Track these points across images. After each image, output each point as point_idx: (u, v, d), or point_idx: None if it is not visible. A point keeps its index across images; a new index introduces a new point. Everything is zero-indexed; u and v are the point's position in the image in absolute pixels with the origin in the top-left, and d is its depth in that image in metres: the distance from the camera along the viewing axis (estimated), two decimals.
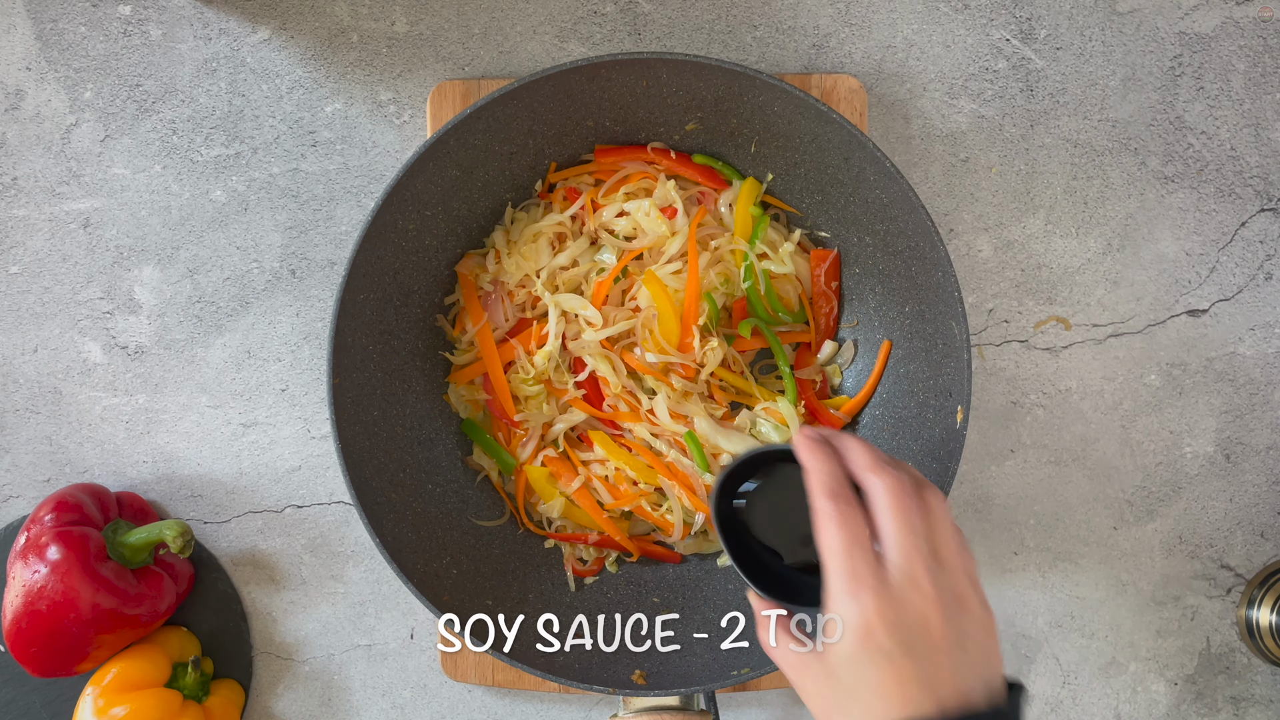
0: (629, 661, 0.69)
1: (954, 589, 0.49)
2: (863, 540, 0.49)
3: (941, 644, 0.48)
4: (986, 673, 0.49)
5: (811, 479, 0.52)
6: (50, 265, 0.77)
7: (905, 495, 0.50)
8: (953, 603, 0.49)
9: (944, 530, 0.50)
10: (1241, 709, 0.78)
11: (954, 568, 0.50)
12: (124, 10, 0.75)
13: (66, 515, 0.70)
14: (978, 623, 0.49)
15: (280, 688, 0.78)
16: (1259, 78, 0.75)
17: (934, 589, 0.48)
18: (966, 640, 0.49)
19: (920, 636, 0.48)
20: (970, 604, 0.50)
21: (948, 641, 0.48)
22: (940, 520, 0.51)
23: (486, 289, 0.73)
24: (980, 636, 0.49)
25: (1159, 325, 0.77)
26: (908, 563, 0.49)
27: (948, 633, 0.48)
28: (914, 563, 0.49)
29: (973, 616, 0.49)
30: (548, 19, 0.75)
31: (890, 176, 0.64)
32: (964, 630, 0.49)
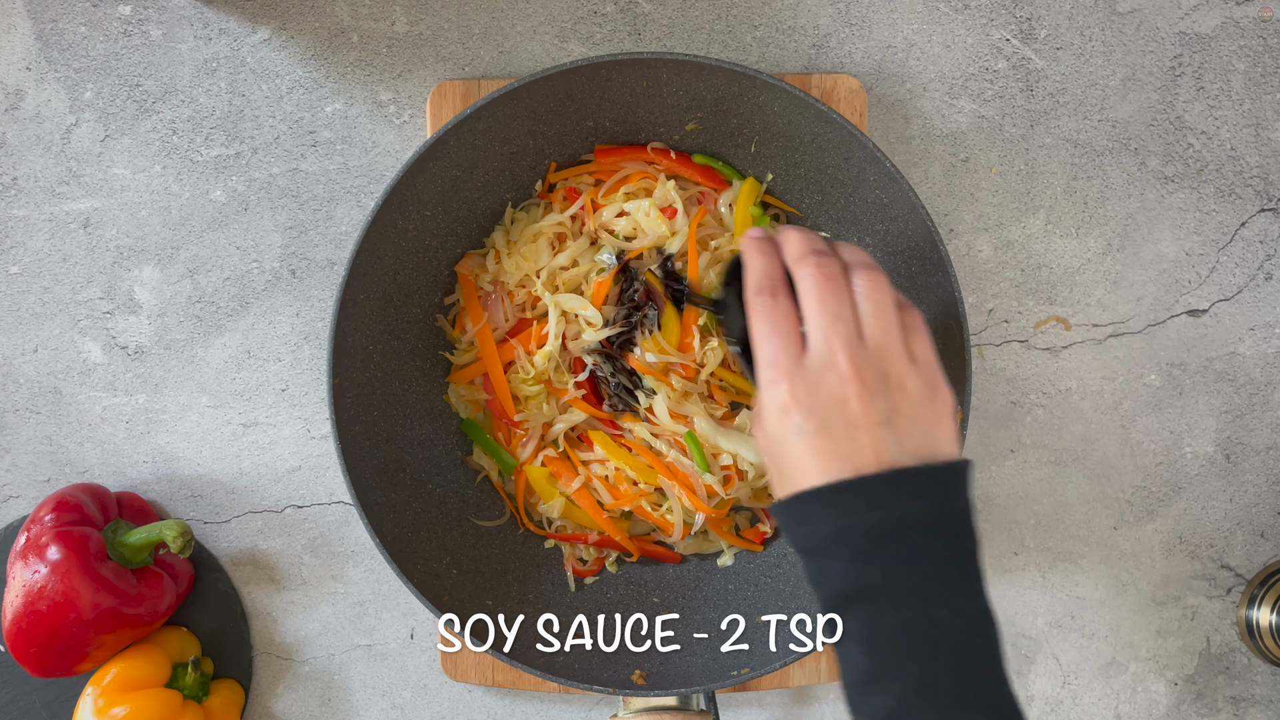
0: (629, 661, 0.69)
1: (880, 368, 0.49)
2: (784, 329, 0.51)
3: (860, 420, 0.49)
4: (920, 445, 0.49)
5: (747, 276, 0.54)
6: (50, 265, 0.77)
7: (826, 280, 0.51)
8: (876, 381, 0.49)
9: (874, 312, 0.51)
10: (1241, 709, 0.78)
11: (882, 346, 0.50)
12: (124, 10, 0.75)
13: (66, 515, 0.70)
14: (913, 399, 0.50)
15: (280, 688, 0.78)
16: (1259, 78, 0.75)
17: (851, 368, 0.49)
18: (895, 416, 0.49)
19: (836, 415, 0.49)
20: (904, 382, 0.50)
21: (869, 419, 0.49)
22: (871, 302, 0.51)
23: (486, 289, 0.73)
24: (915, 413, 0.49)
25: (1159, 325, 0.77)
26: (825, 345, 0.50)
27: (869, 409, 0.49)
28: (831, 345, 0.50)
29: (906, 394, 0.49)
30: (548, 19, 0.75)
31: (890, 176, 0.64)
32: (892, 407, 0.49)
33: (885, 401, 0.49)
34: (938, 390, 0.51)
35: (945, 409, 0.51)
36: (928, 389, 0.50)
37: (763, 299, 0.53)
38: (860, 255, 0.54)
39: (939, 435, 0.50)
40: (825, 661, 0.74)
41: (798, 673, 0.74)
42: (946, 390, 0.51)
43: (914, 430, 0.49)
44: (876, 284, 0.52)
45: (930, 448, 0.49)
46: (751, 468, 0.72)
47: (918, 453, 0.49)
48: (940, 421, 0.50)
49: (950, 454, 0.50)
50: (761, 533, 0.74)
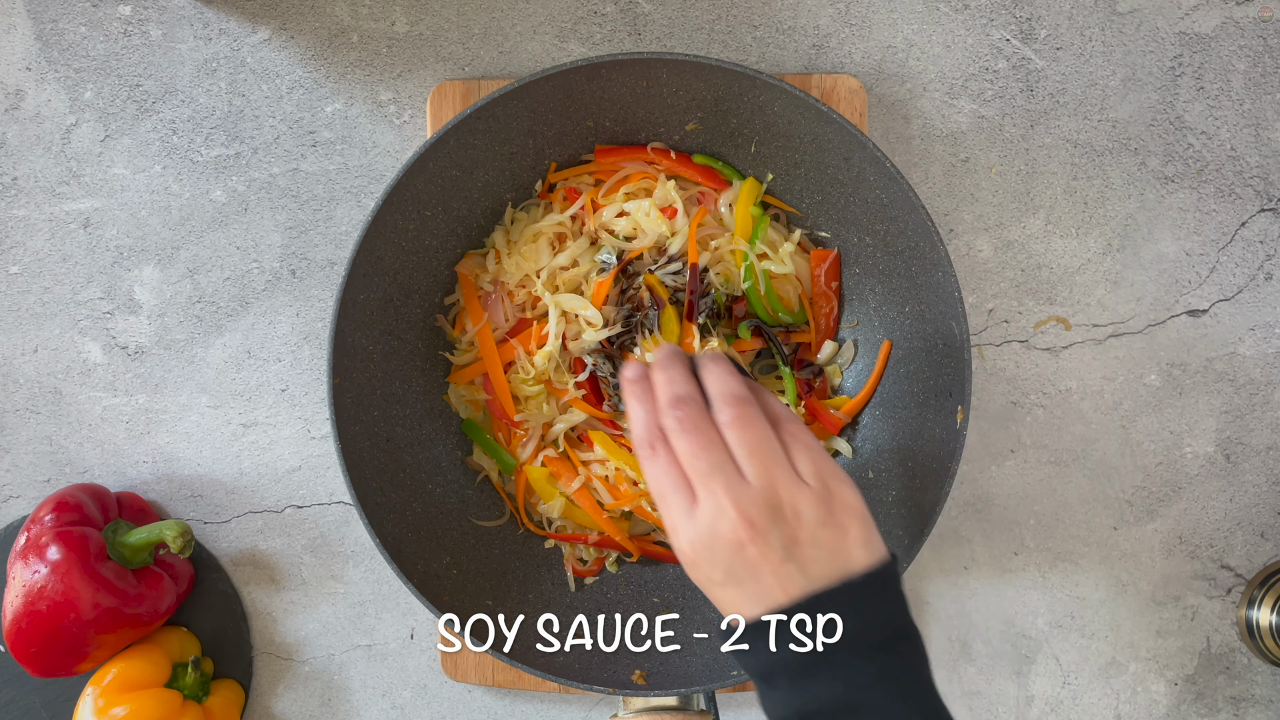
0: (629, 661, 0.69)
1: (768, 503, 0.49)
2: (670, 483, 0.50)
3: (761, 563, 0.48)
4: (829, 567, 0.49)
5: (630, 425, 0.54)
6: (50, 265, 0.77)
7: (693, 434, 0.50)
8: (767, 519, 0.48)
9: (749, 449, 0.50)
10: (1241, 709, 0.78)
11: (766, 482, 0.49)
12: (124, 10, 0.75)
13: (66, 515, 0.70)
14: (810, 523, 0.49)
15: (280, 688, 0.78)
16: (1259, 78, 0.75)
17: (738, 514, 0.48)
18: (794, 547, 0.48)
19: (737, 563, 0.49)
20: (797, 508, 0.49)
21: (768, 559, 0.48)
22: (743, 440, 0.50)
23: (486, 289, 0.73)
24: (815, 536, 0.49)
25: (1159, 325, 0.77)
26: (709, 497, 0.49)
27: (765, 551, 0.48)
28: (715, 495, 0.49)
29: (802, 520, 0.49)
30: (548, 19, 0.75)
31: (890, 176, 0.64)
32: (790, 538, 0.48)
33: (780, 536, 0.48)
34: (835, 500, 0.50)
35: (849, 514, 0.50)
36: (823, 506, 0.49)
37: (644, 452, 0.52)
38: (724, 384, 0.52)
39: (848, 548, 0.49)
40: None
41: None
42: (847, 492, 0.50)
43: (818, 555, 0.49)
44: (743, 419, 0.50)
45: (842, 565, 0.49)
46: None
47: (827, 576, 0.48)
48: (845, 532, 0.49)
49: (865, 562, 0.49)
50: None
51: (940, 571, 0.77)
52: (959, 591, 0.77)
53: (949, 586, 0.77)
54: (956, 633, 0.77)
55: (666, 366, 0.53)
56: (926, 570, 0.77)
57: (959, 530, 0.77)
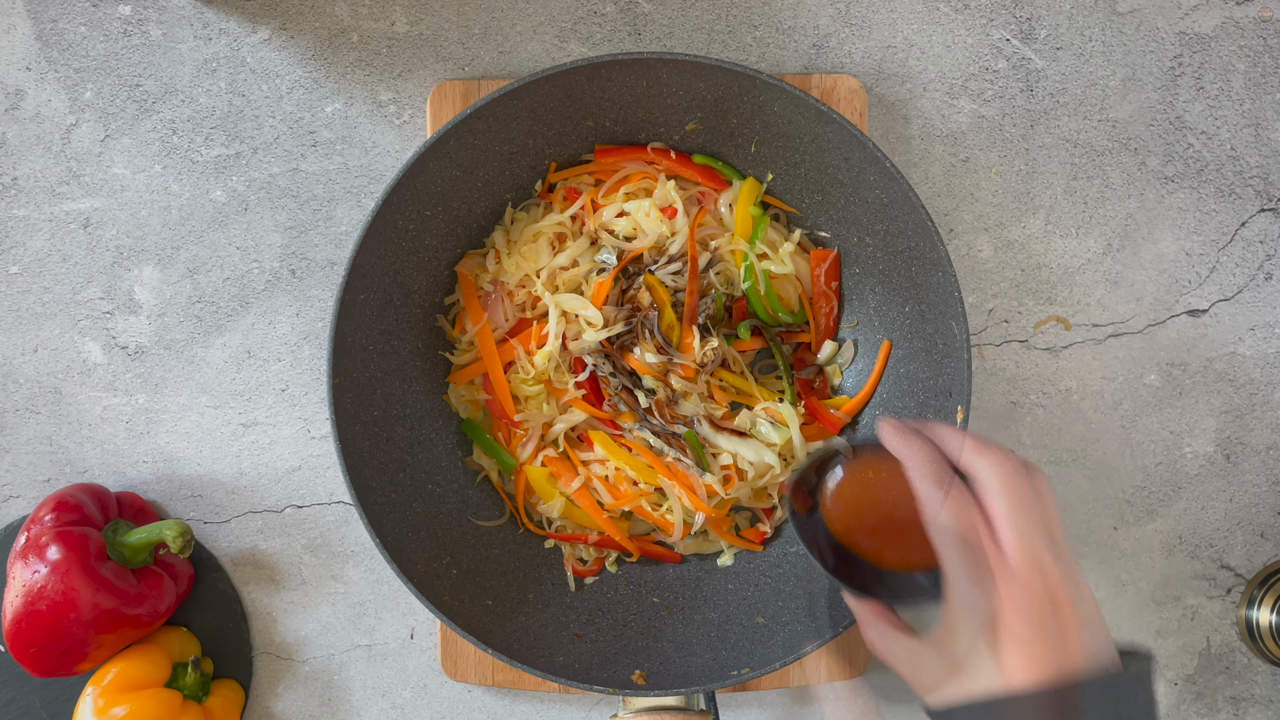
0: (629, 661, 0.69)
1: (1071, 570, 0.49)
2: (978, 525, 0.49)
3: (1071, 624, 0.48)
4: (1107, 644, 0.49)
5: (912, 468, 0.51)
6: (50, 265, 0.77)
7: (1016, 476, 0.49)
8: (1072, 583, 0.49)
9: (1054, 511, 0.50)
10: (1241, 709, 0.78)
11: (1066, 550, 0.50)
12: (124, 10, 0.75)
13: (66, 515, 0.70)
14: (1091, 601, 0.50)
15: (280, 688, 0.78)
16: (1259, 78, 0.75)
17: (1058, 571, 0.48)
18: (1090, 622, 0.49)
19: (1051, 620, 0.48)
20: (1083, 583, 0.50)
21: (1075, 621, 0.48)
22: (1050, 501, 0.50)
23: (486, 289, 0.73)
24: (1096, 613, 0.50)
25: (1159, 325, 0.77)
26: (1029, 546, 0.48)
27: (1075, 613, 0.48)
28: (1035, 546, 0.48)
29: (1086, 596, 0.49)
30: (548, 19, 0.75)
31: (890, 176, 0.64)
32: (1087, 613, 0.49)
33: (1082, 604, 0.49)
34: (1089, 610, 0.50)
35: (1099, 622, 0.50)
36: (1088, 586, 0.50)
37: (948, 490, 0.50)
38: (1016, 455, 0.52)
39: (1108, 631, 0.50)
40: (825, 661, 0.74)
41: (797, 673, 0.74)
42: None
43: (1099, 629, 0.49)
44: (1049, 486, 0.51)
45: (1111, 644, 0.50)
46: (751, 467, 0.72)
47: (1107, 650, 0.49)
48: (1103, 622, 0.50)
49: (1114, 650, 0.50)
50: (761, 533, 0.74)
51: None
52: None
53: None
54: None
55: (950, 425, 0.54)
56: None
57: None
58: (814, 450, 0.56)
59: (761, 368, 0.75)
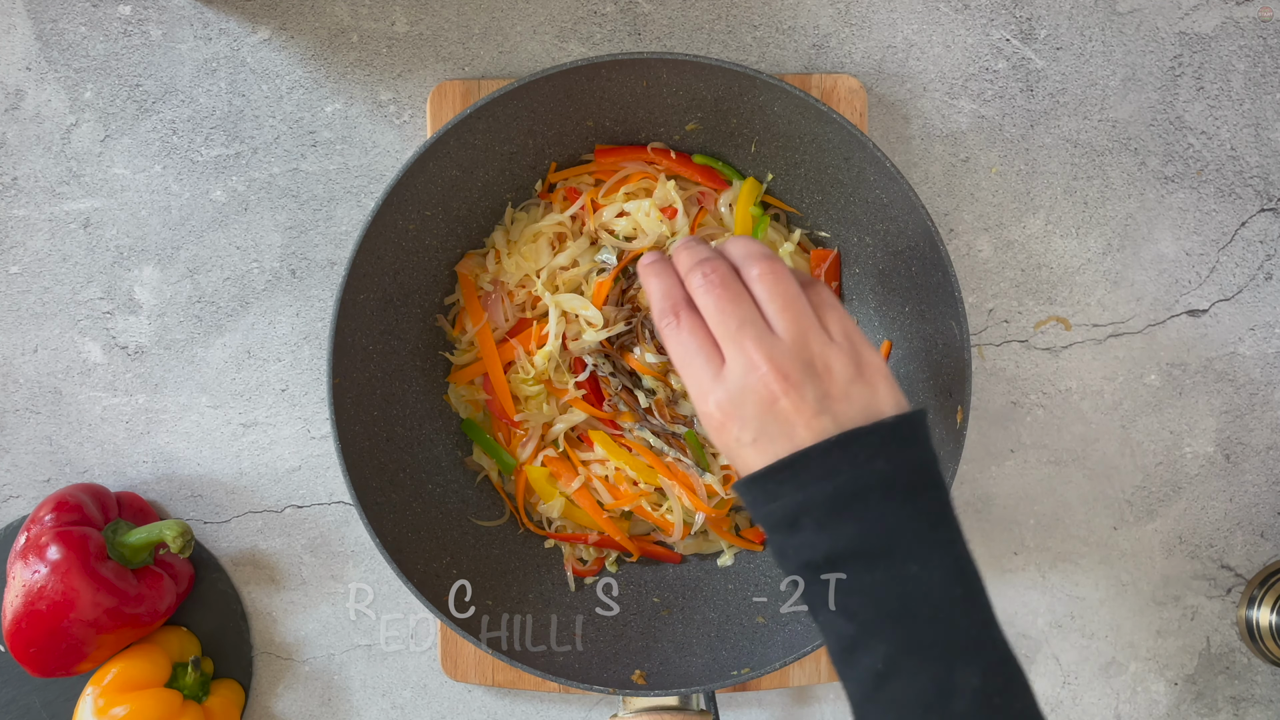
0: (629, 661, 0.69)
1: (800, 358, 0.49)
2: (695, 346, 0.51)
3: (794, 415, 0.48)
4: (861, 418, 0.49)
5: (649, 302, 0.54)
6: (50, 265, 0.77)
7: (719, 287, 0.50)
8: (800, 372, 0.49)
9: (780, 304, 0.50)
10: (1241, 709, 0.78)
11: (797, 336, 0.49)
12: (124, 10, 0.75)
13: (66, 515, 0.70)
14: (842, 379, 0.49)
15: (280, 688, 0.78)
16: (1259, 78, 0.75)
17: (771, 367, 0.49)
18: (827, 401, 0.49)
19: (769, 418, 0.49)
20: (829, 364, 0.49)
21: (802, 412, 0.48)
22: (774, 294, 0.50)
23: (486, 289, 0.73)
24: (847, 391, 0.49)
25: (1159, 325, 0.77)
26: (739, 352, 0.49)
27: (799, 404, 0.48)
28: (745, 350, 0.49)
29: (834, 376, 0.49)
30: (548, 19, 0.75)
31: (890, 176, 0.64)
32: (823, 393, 0.49)
33: (814, 390, 0.49)
34: (864, 358, 0.50)
35: (877, 374, 0.50)
36: (853, 363, 0.50)
37: (667, 321, 0.52)
38: (750, 246, 0.53)
39: (878, 401, 0.50)
40: (825, 661, 0.74)
41: (798, 673, 0.74)
42: (872, 354, 0.51)
43: (849, 409, 0.49)
44: (774, 273, 0.51)
45: (873, 415, 0.49)
46: None
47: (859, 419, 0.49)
48: (874, 388, 0.50)
49: (894, 412, 0.50)
50: (761, 533, 0.74)
51: None
52: None
53: None
54: None
55: (688, 243, 0.54)
56: None
57: None
58: None
59: None
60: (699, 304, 0.51)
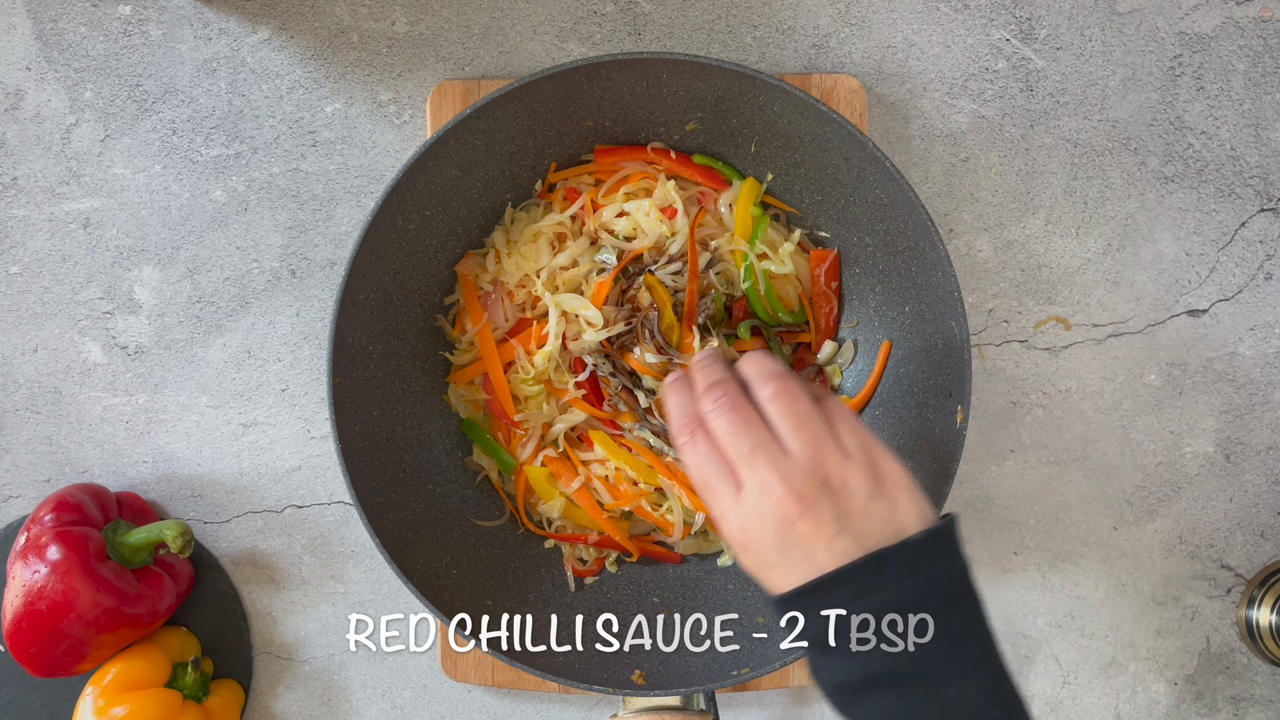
0: (629, 661, 0.69)
1: (816, 478, 0.49)
2: (712, 468, 0.51)
3: (813, 538, 0.48)
4: (883, 535, 0.48)
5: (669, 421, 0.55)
6: (50, 265, 0.77)
7: (731, 411, 0.51)
8: (816, 493, 0.48)
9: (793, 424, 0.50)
10: (1241, 709, 0.78)
11: (812, 456, 0.49)
12: (124, 10, 0.75)
13: (66, 515, 0.70)
14: (860, 495, 0.49)
15: (280, 688, 0.78)
16: (1259, 78, 0.75)
17: (786, 490, 0.48)
18: (846, 520, 0.48)
19: (790, 541, 0.48)
20: (846, 481, 0.49)
21: (821, 534, 0.48)
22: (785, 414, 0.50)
23: (486, 289, 0.73)
24: (866, 509, 0.49)
25: (1159, 325, 0.77)
26: (754, 475, 0.49)
27: (818, 525, 0.48)
28: (759, 473, 0.49)
29: (851, 493, 0.49)
30: (548, 19, 0.75)
31: (890, 176, 0.64)
32: (841, 511, 0.48)
33: (831, 509, 0.48)
34: (881, 471, 0.50)
35: (897, 485, 0.50)
36: (871, 477, 0.49)
37: (681, 441, 0.52)
38: (762, 365, 0.53)
39: (899, 515, 0.49)
40: None
41: (798, 673, 0.74)
42: (890, 464, 0.50)
43: (869, 525, 0.48)
44: (786, 392, 0.51)
45: (895, 532, 0.48)
46: None
47: (880, 540, 0.48)
48: (895, 502, 0.49)
49: (920, 529, 0.49)
50: None
51: None
52: None
53: None
54: None
55: (704, 362, 0.55)
56: None
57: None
58: None
59: None
60: (711, 428, 0.51)
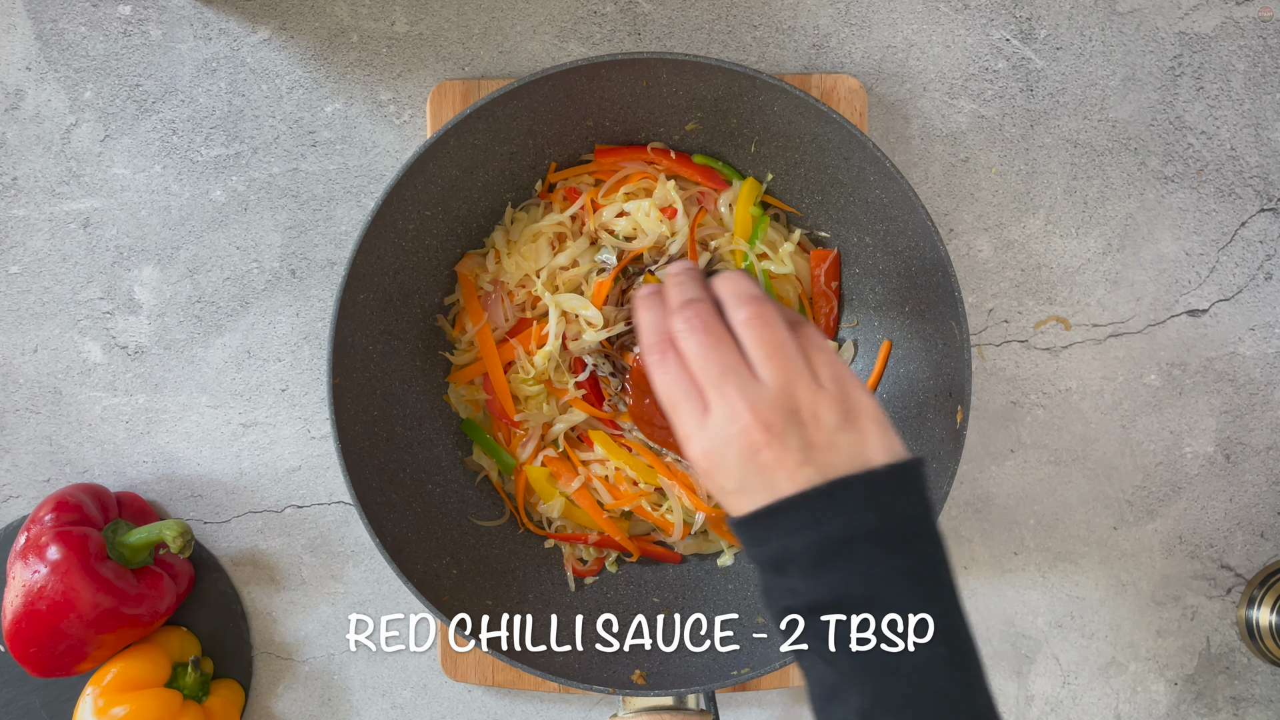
0: (629, 661, 0.69)
1: (786, 406, 0.47)
2: (680, 389, 0.49)
3: (775, 467, 0.47)
4: (849, 466, 0.47)
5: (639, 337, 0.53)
6: (50, 265, 0.77)
7: (702, 332, 0.49)
8: (784, 422, 0.47)
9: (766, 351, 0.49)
10: (1241, 709, 0.78)
11: (783, 383, 0.48)
12: (124, 10, 0.75)
13: (66, 515, 0.70)
14: (829, 426, 0.48)
15: (280, 688, 0.78)
16: (1259, 78, 0.75)
17: (753, 417, 0.47)
18: (812, 451, 0.47)
19: (752, 469, 0.47)
20: (816, 411, 0.48)
21: (785, 463, 0.47)
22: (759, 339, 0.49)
23: (486, 289, 0.73)
24: (833, 440, 0.47)
25: (1159, 325, 0.77)
26: (721, 400, 0.48)
27: (782, 455, 0.47)
28: (727, 398, 0.48)
29: (821, 424, 0.47)
30: (548, 19, 0.75)
31: (890, 176, 0.64)
32: (806, 442, 0.47)
33: (798, 439, 0.47)
34: (853, 403, 0.49)
35: (867, 418, 0.48)
36: (841, 409, 0.48)
37: (653, 359, 0.51)
38: (738, 285, 0.51)
39: (866, 448, 0.48)
40: None
41: (797, 673, 0.74)
42: (863, 397, 0.49)
43: (835, 457, 0.47)
44: (760, 317, 0.49)
45: (861, 464, 0.47)
46: None
47: (847, 469, 0.47)
48: (864, 434, 0.48)
49: (886, 462, 0.48)
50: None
51: None
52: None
53: None
54: None
55: (679, 278, 0.52)
56: None
57: (959, 530, 0.77)
58: None
59: None
60: (682, 348, 0.50)
